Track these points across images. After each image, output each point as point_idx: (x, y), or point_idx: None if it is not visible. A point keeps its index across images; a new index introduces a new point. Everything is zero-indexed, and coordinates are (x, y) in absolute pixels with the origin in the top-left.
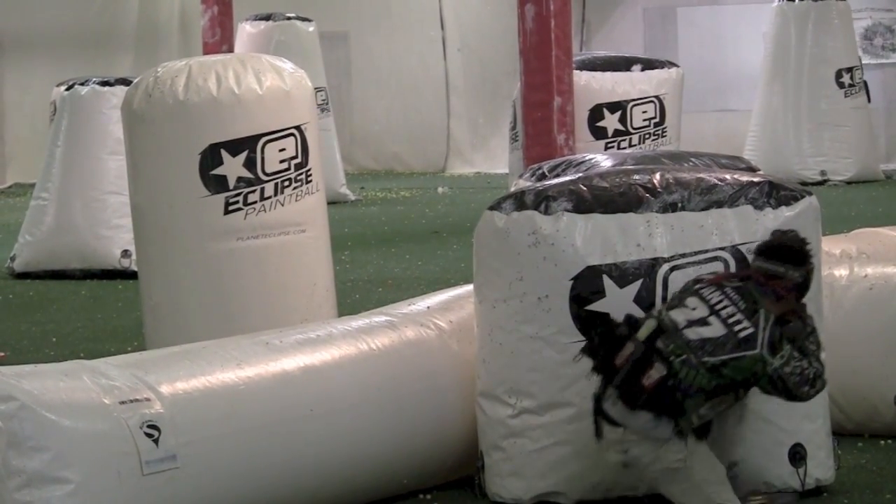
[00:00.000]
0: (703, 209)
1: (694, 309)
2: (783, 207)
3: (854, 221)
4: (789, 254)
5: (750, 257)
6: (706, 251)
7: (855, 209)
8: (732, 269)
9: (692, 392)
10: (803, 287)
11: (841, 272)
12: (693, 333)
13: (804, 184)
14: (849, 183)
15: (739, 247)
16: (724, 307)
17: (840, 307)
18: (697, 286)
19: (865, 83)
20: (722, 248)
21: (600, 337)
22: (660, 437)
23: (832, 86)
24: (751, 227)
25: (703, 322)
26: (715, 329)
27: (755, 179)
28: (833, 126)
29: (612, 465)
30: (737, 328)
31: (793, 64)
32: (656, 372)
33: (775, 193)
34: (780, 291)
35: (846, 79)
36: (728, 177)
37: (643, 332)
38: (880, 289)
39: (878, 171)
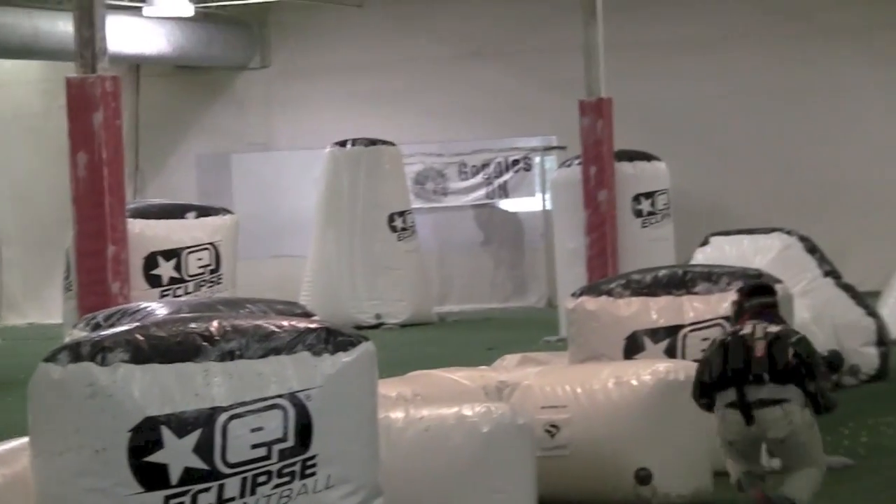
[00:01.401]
0: (261, 356)
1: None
2: (341, 353)
3: (409, 364)
4: (766, 289)
5: (309, 403)
6: (265, 398)
7: (410, 352)
8: (291, 416)
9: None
10: (777, 307)
11: (397, 414)
12: (772, 329)
13: (360, 327)
14: (403, 325)
15: (298, 394)
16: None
17: (397, 448)
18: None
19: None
20: (280, 396)
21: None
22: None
23: (385, 230)
24: (309, 373)
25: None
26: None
27: (312, 326)
28: (387, 269)
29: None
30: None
31: (346, 208)
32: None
33: (332, 339)
34: (774, 314)
35: (399, 223)
36: (286, 324)
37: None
38: (436, 429)
39: (431, 314)
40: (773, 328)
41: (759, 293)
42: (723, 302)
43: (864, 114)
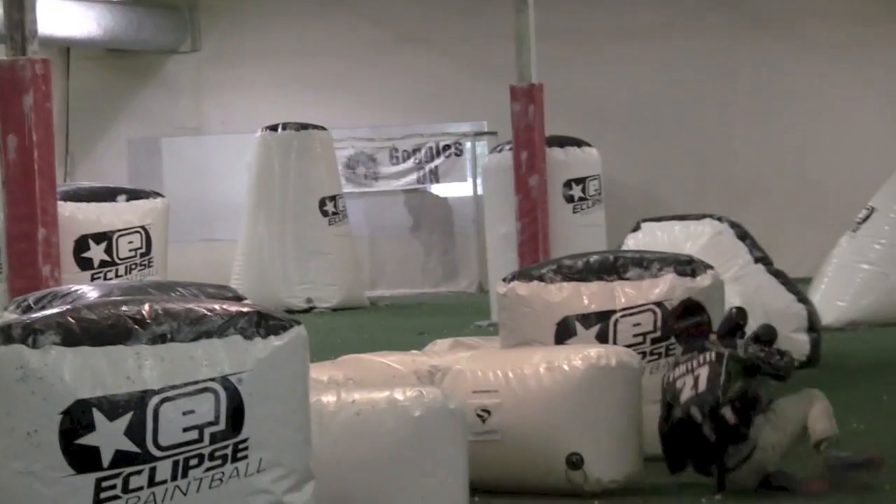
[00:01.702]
0: (192, 340)
1: (683, 385)
2: (272, 337)
3: (341, 348)
4: (694, 309)
5: (241, 387)
6: (196, 382)
7: (341, 336)
8: (223, 400)
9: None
10: (710, 325)
11: (329, 398)
12: (701, 387)
13: (291, 312)
14: (335, 310)
15: (229, 377)
16: (689, 364)
17: (328, 433)
18: (670, 378)
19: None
20: (212, 379)
21: (695, 447)
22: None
23: (316, 214)
24: (240, 357)
25: (696, 379)
26: (703, 372)
27: (244, 310)
28: (318, 254)
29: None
30: (706, 360)
31: (277, 192)
32: (728, 412)
33: (264, 323)
34: (706, 332)
35: (330, 207)
36: (218, 307)
37: (696, 416)
38: (367, 413)
39: (362, 298)
40: (701, 380)
41: (689, 314)
42: (654, 287)
43: (794, 101)
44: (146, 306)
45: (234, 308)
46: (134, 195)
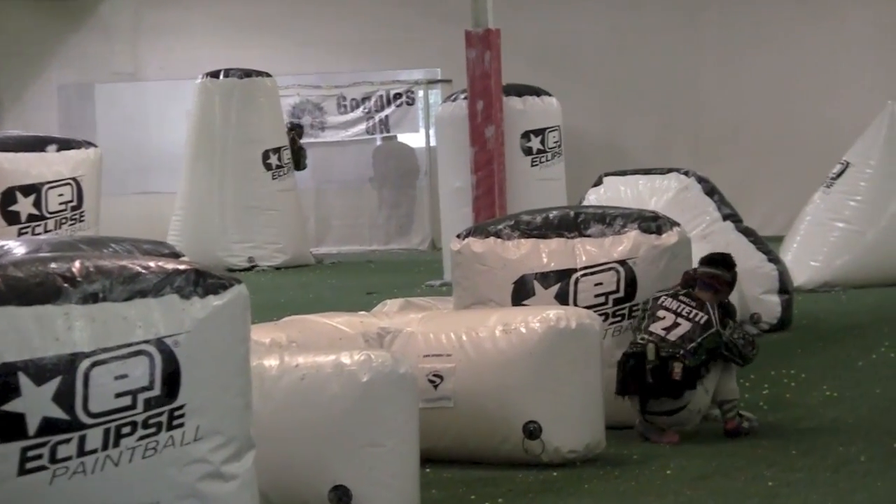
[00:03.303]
0: (126, 299)
1: (663, 318)
2: (211, 296)
3: (284, 308)
4: (722, 261)
5: (177, 350)
6: (130, 344)
7: (285, 295)
8: (158, 364)
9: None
10: (732, 284)
11: (271, 362)
12: (673, 335)
13: (232, 270)
14: (278, 268)
15: (165, 339)
16: (683, 308)
17: (271, 399)
18: (660, 301)
19: (301, 151)
20: (147, 341)
21: (632, 375)
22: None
23: (259, 167)
24: (177, 317)
25: (674, 325)
26: (684, 326)
27: (181, 267)
28: (261, 210)
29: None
30: (696, 318)
31: (218, 143)
32: (678, 367)
33: (202, 282)
34: (718, 286)
35: (273, 160)
36: (153, 264)
37: (651, 355)
38: (312, 378)
39: (308, 256)
40: (676, 332)
41: (713, 263)
42: (617, 245)
43: (765, 47)
44: (77, 263)
45: (170, 265)
46: (65, 145)
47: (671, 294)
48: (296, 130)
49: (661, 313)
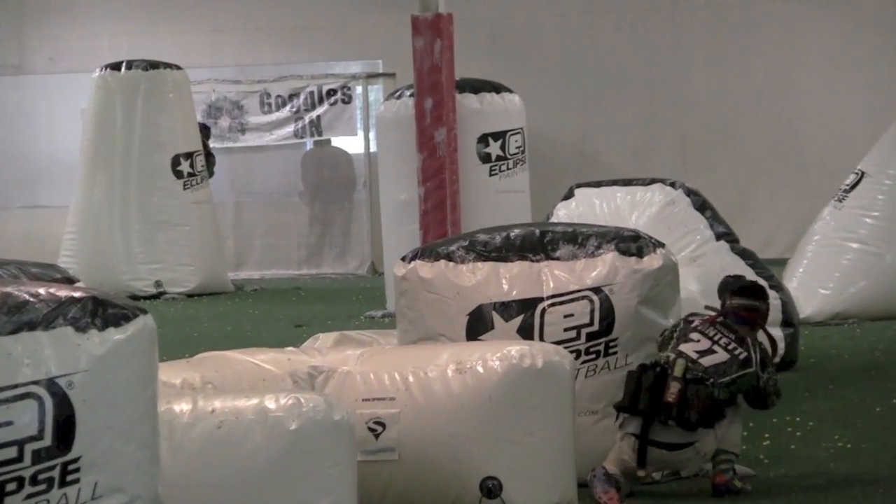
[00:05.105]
0: (10, 332)
1: (698, 342)
2: (111, 329)
3: (198, 343)
4: (757, 292)
5: (71, 392)
6: (15, 386)
7: (199, 328)
8: (49, 408)
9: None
10: (766, 317)
11: (183, 407)
12: (706, 361)
13: (136, 297)
14: (191, 296)
15: (57, 380)
16: (721, 338)
17: (182, 450)
18: (693, 324)
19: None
20: (35, 382)
21: (650, 389)
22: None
23: (169, 176)
24: (71, 354)
25: (710, 351)
26: (720, 356)
27: (76, 295)
28: (170, 226)
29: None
30: (736, 352)
31: (119, 148)
32: (703, 392)
33: (101, 312)
34: (757, 319)
35: (185, 166)
36: (42, 291)
37: (678, 370)
38: (231, 426)
39: (226, 282)
40: (710, 358)
41: (748, 294)
42: (591, 270)
43: (764, 38)
44: None
45: (63, 293)
46: None
47: (707, 320)
48: (202, 132)
49: (695, 335)
